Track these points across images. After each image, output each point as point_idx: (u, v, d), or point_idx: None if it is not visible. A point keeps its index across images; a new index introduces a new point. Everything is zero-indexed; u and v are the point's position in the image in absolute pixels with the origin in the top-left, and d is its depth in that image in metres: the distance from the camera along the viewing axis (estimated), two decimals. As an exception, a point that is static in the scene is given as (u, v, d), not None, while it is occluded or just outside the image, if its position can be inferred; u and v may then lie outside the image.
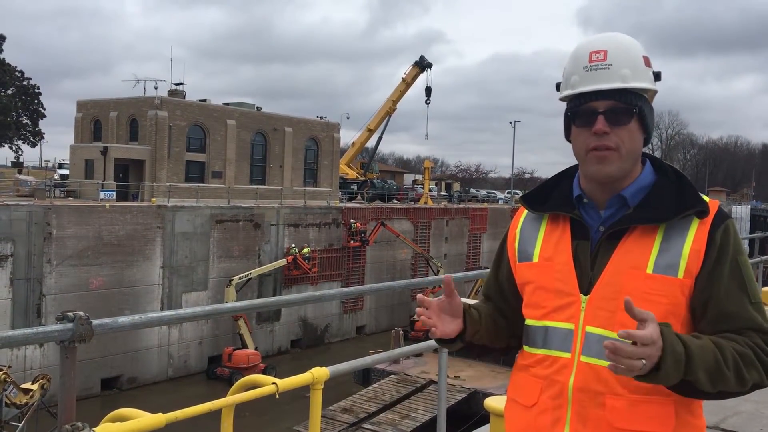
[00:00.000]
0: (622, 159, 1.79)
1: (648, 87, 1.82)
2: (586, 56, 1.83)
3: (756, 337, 1.71)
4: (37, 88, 59.60)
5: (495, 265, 2.11)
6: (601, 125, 1.78)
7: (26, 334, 2.36)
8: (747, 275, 1.77)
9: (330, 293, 3.93)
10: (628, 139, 1.79)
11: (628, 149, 1.80)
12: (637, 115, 1.80)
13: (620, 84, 1.78)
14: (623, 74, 1.79)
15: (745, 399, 5.31)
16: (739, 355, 1.67)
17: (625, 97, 1.79)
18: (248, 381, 3.26)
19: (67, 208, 27.60)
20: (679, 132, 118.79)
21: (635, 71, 1.80)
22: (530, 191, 2.05)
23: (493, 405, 3.98)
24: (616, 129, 1.78)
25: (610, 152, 1.79)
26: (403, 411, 19.36)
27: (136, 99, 38.88)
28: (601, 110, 1.79)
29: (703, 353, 1.62)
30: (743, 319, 1.73)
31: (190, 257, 31.21)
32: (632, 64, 1.81)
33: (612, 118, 1.78)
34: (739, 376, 1.66)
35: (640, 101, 1.81)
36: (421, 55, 54.90)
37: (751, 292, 1.76)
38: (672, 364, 1.57)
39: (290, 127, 44.36)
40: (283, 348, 35.52)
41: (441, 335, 1.86)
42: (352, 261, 39.37)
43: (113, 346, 27.38)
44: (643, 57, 1.84)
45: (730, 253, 1.75)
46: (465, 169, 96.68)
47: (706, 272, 1.74)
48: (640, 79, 1.81)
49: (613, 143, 1.78)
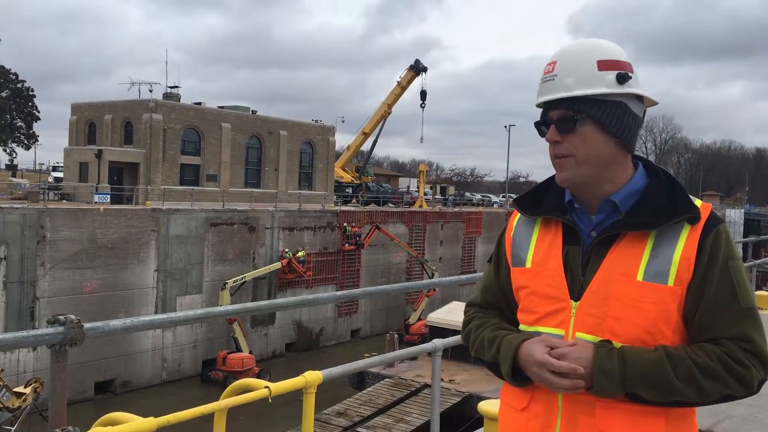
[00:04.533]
0: (579, 164, 1.82)
1: (603, 91, 1.80)
2: (543, 68, 1.89)
3: (734, 347, 1.70)
4: (31, 90, 59.49)
5: (494, 269, 2.09)
6: (551, 134, 1.85)
7: (17, 338, 2.35)
8: (738, 280, 1.75)
9: (324, 297, 3.92)
10: (581, 145, 1.81)
11: (584, 154, 1.81)
12: (591, 120, 1.80)
13: (563, 94, 1.82)
14: (566, 84, 1.82)
15: (738, 402, 5.32)
16: (698, 368, 1.67)
17: (572, 105, 1.81)
18: (241, 385, 3.25)
19: (61, 211, 27.53)
20: (673, 136, 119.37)
21: (581, 79, 1.81)
22: (523, 195, 2.05)
23: (487, 409, 3.97)
24: (568, 136, 1.82)
25: (566, 159, 1.83)
26: (397, 415, 19.34)
27: (131, 102, 38.80)
28: (553, 120, 1.85)
29: (648, 367, 1.67)
30: (725, 327, 1.72)
31: (184, 260, 31.15)
32: (578, 71, 1.82)
33: (561, 126, 1.83)
34: (697, 388, 1.67)
35: (592, 107, 1.80)
36: (416, 59, 54.93)
37: (742, 297, 1.74)
38: (603, 380, 1.68)
39: (285, 131, 44.34)
40: (278, 351, 35.47)
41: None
42: (347, 264, 39.34)
43: (107, 350, 27.30)
44: (598, 62, 1.82)
45: (720, 259, 1.74)
46: (460, 173, 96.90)
47: (697, 280, 1.74)
48: (587, 85, 1.81)
49: (566, 150, 1.83)
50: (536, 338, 1.80)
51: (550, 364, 1.71)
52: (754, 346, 1.71)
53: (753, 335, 1.72)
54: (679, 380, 1.67)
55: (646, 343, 1.73)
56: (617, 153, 1.84)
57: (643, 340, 1.73)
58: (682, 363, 1.67)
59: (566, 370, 1.69)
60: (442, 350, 4.22)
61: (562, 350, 1.72)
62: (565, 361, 1.70)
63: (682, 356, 1.69)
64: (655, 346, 1.72)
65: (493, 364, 1.92)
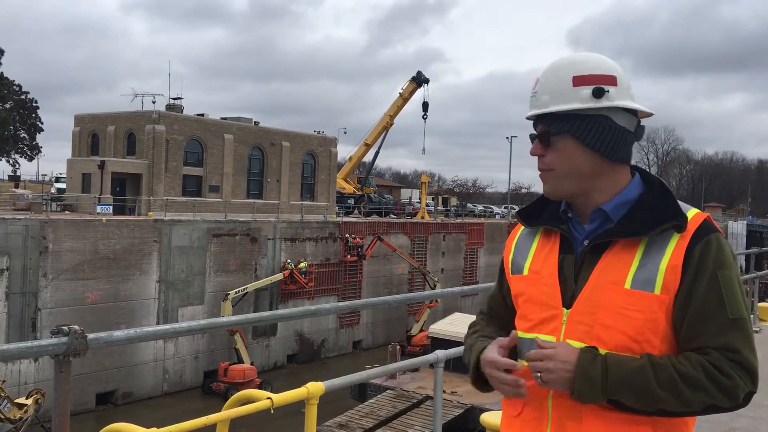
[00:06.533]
0: (559, 177, 1.88)
1: (577, 107, 1.83)
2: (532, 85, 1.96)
3: (719, 358, 1.69)
4: (34, 101, 59.69)
5: (498, 280, 2.16)
6: (533, 149, 1.93)
7: (20, 348, 2.35)
8: (728, 290, 1.74)
9: (326, 308, 3.92)
10: (560, 159, 1.86)
11: (564, 168, 1.86)
12: (567, 134, 1.85)
13: (539, 110, 1.89)
14: (543, 101, 1.88)
15: (740, 414, 5.29)
16: (681, 377, 1.67)
17: (550, 121, 1.87)
18: (243, 396, 3.25)
19: (64, 222, 27.56)
20: (675, 148, 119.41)
21: (554, 95, 1.86)
22: (526, 206, 2.09)
23: (489, 420, 3.97)
24: (548, 151, 1.88)
25: (547, 172, 1.90)
26: (399, 427, 19.27)
27: (134, 113, 38.93)
28: (536, 134, 1.92)
29: (630, 375, 1.68)
30: (711, 337, 1.71)
31: (186, 271, 31.15)
32: (553, 88, 1.87)
33: (543, 140, 1.89)
34: (679, 397, 1.67)
35: (566, 122, 1.84)
36: (418, 71, 55.10)
37: (730, 308, 1.73)
38: (585, 385, 1.69)
39: (287, 142, 44.45)
40: (280, 363, 35.39)
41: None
42: (349, 275, 39.30)
43: (108, 361, 27.26)
44: (573, 77, 1.86)
45: (709, 268, 1.73)
46: (462, 184, 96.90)
47: (684, 289, 1.74)
48: (560, 101, 1.85)
49: (546, 165, 1.89)
50: (494, 341, 1.90)
51: (498, 362, 1.81)
52: (740, 357, 1.69)
53: (740, 346, 1.70)
54: (661, 388, 1.66)
55: (633, 351, 1.73)
56: (601, 165, 1.86)
57: (630, 348, 1.73)
58: (664, 371, 1.67)
59: (504, 365, 1.80)
60: (444, 362, 4.22)
61: (547, 351, 1.74)
62: (550, 363, 1.72)
63: (665, 364, 1.69)
64: (641, 354, 1.73)
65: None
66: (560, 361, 1.72)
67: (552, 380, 1.73)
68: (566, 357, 1.72)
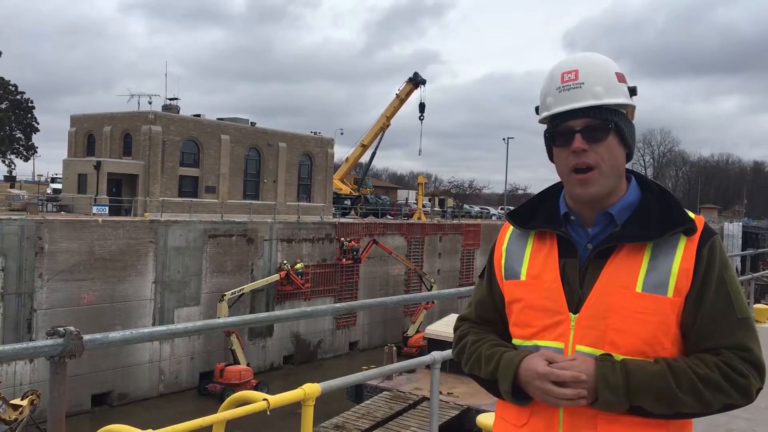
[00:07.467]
0: (604, 176, 1.80)
1: (623, 102, 1.82)
2: (559, 77, 1.84)
3: (732, 357, 1.71)
4: (30, 102, 59.59)
5: (487, 284, 2.06)
6: (579, 143, 1.79)
7: (16, 349, 2.35)
8: (734, 291, 1.76)
9: (322, 309, 3.92)
10: (608, 155, 1.79)
11: (609, 165, 1.80)
12: (615, 130, 1.80)
13: (593, 101, 1.79)
14: (596, 91, 1.80)
15: (736, 416, 5.30)
16: (700, 379, 1.68)
17: (600, 114, 1.79)
18: (239, 397, 3.24)
19: (60, 223, 27.48)
20: (671, 149, 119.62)
21: (608, 88, 1.81)
22: (517, 208, 2.05)
23: (486, 422, 3.96)
24: (594, 146, 1.79)
25: (592, 173, 1.79)
26: (395, 428, 19.24)
27: (130, 114, 38.87)
28: (578, 129, 1.80)
29: (651, 380, 1.68)
30: (723, 337, 1.73)
31: (182, 272, 31.09)
32: (604, 80, 1.82)
33: (589, 135, 1.79)
34: (700, 399, 1.68)
35: (617, 117, 1.81)
36: (415, 72, 55.17)
37: (738, 308, 1.76)
38: (608, 394, 1.68)
39: (284, 143, 44.41)
40: (276, 364, 35.32)
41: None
42: (346, 276, 39.27)
43: (104, 362, 27.17)
44: (615, 73, 1.84)
45: (716, 270, 1.76)
46: (458, 185, 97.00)
47: (695, 291, 1.75)
48: (613, 95, 1.81)
49: (593, 160, 1.79)
50: (536, 353, 1.79)
51: (553, 374, 1.70)
52: (752, 355, 1.73)
53: (750, 344, 1.74)
54: (682, 392, 1.67)
55: (646, 355, 1.73)
56: (624, 165, 1.86)
57: (643, 352, 1.73)
58: (683, 374, 1.68)
59: (569, 377, 1.68)
60: (440, 363, 4.22)
61: (562, 364, 1.72)
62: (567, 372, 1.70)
63: (684, 367, 1.69)
64: (654, 358, 1.73)
65: (488, 381, 1.89)
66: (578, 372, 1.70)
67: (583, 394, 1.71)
68: (583, 368, 1.70)
